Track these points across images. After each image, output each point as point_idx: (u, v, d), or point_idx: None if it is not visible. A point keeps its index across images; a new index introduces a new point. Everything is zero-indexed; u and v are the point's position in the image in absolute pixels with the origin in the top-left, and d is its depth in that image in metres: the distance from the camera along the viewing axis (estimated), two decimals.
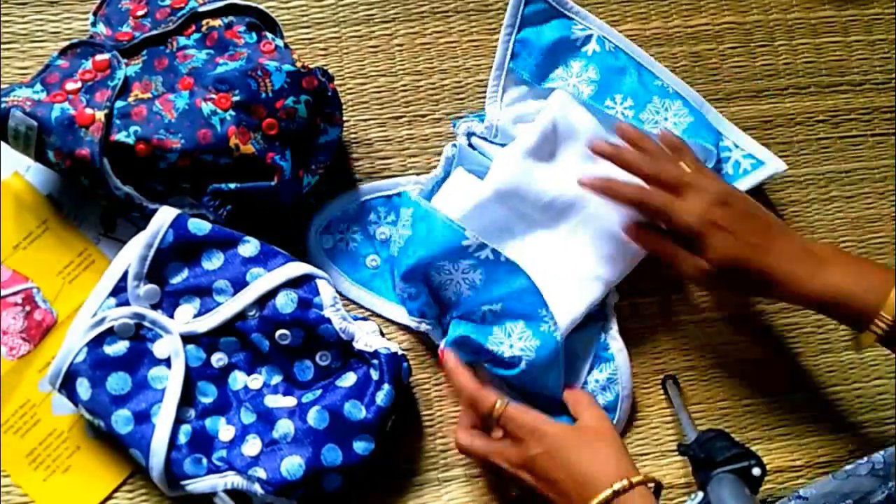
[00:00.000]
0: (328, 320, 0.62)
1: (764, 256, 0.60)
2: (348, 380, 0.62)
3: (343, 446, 0.60)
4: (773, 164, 0.72)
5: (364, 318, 0.66)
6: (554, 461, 0.59)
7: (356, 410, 0.61)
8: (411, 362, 0.68)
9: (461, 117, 0.73)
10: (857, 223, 0.76)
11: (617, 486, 0.56)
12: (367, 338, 0.63)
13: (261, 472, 0.60)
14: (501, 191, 0.67)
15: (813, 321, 0.74)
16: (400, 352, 0.64)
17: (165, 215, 0.62)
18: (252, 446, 0.61)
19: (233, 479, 0.61)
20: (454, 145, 0.70)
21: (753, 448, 0.62)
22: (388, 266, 0.70)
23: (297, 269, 0.63)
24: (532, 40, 0.72)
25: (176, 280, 0.63)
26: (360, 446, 0.61)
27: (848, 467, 0.61)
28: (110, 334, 0.61)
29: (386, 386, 0.61)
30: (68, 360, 0.61)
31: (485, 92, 0.74)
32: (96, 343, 0.61)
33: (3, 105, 0.61)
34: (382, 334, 0.66)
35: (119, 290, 0.62)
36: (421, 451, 0.68)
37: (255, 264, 0.63)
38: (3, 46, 0.71)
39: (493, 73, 0.73)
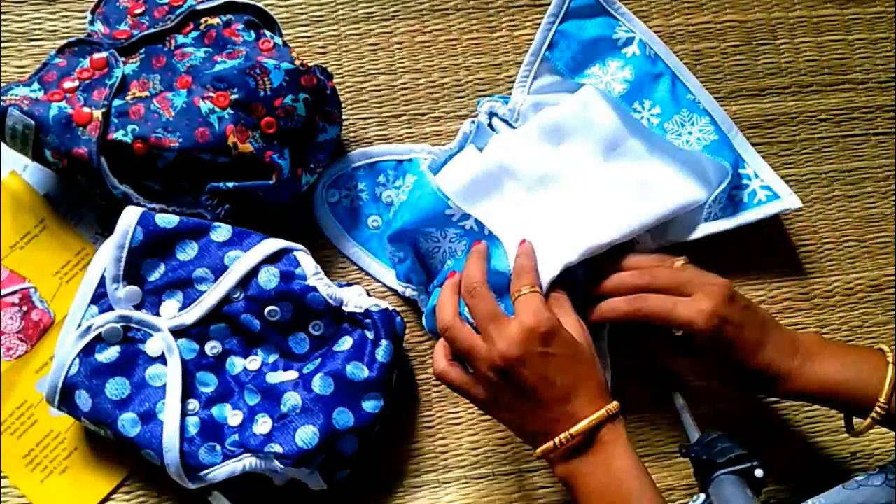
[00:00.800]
0: (314, 289, 0.62)
1: (761, 354, 0.61)
2: (345, 343, 0.62)
3: (353, 408, 0.60)
4: (789, 200, 0.71)
5: (348, 285, 0.66)
6: (545, 364, 0.56)
7: (359, 371, 0.61)
8: (412, 362, 0.68)
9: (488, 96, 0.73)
10: (860, 223, 0.76)
11: (612, 408, 0.56)
12: (356, 299, 0.63)
13: (277, 448, 0.59)
14: (497, 163, 0.66)
15: (815, 321, 0.74)
16: (390, 307, 0.63)
17: (131, 215, 0.62)
18: (263, 425, 0.61)
19: (250, 461, 0.60)
20: (472, 122, 0.70)
21: (755, 449, 0.62)
22: (387, 229, 0.70)
23: (272, 245, 0.63)
24: (573, 33, 0.72)
25: (154, 277, 0.63)
26: (369, 405, 0.61)
27: (859, 478, 0.60)
28: (99, 341, 0.61)
29: (384, 342, 0.61)
30: (62, 374, 0.60)
31: (484, 89, 0.74)
32: (87, 353, 0.60)
33: (0, 104, 0.61)
34: (369, 295, 0.66)
35: (99, 297, 0.62)
36: (420, 453, 0.67)
37: (231, 247, 0.63)
38: (0, 45, 0.70)
39: (527, 58, 0.72)
